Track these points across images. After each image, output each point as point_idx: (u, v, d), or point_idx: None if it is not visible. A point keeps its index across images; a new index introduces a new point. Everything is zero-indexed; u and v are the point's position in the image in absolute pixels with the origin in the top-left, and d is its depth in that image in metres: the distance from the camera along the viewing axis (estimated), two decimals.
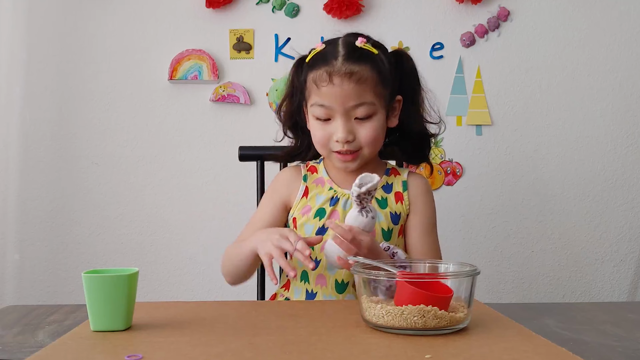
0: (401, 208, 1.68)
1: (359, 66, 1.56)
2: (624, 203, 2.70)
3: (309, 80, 1.60)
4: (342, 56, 1.57)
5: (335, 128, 1.58)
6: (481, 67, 2.66)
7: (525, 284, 2.69)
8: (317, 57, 1.61)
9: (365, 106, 1.57)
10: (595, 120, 2.69)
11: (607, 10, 2.67)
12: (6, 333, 1.17)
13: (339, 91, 1.54)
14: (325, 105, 1.57)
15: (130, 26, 2.62)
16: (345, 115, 1.57)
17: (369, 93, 1.57)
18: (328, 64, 1.56)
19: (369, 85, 1.57)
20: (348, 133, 1.57)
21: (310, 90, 1.60)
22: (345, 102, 1.55)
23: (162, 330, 1.12)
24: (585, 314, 1.32)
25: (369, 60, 1.58)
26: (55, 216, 2.61)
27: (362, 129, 1.59)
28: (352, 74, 1.54)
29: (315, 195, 1.67)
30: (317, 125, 1.61)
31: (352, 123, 1.58)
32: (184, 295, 2.61)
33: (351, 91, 1.55)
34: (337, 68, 1.55)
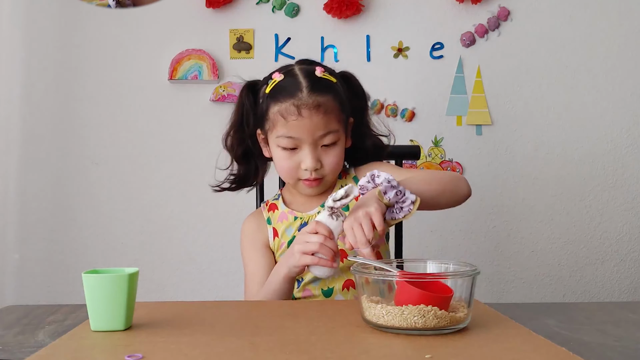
0: None
1: (324, 97, 1.58)
2: (624, 203, 2.70)
3: (274, 112, 1.59)
4: (306, 88, 1.58)
5: (303, 157, 1.59)
6: (481, 67, 2.66)
7: (525, 283, 2.69)
8: (278, 88, 1.62)
9: (332, 134, 1.60)
10: (595, 120, 2.69)
11: (607, 10, 2.67)
12: (6, 333, 1.17)
13: (308, 123, 1.56)
14: (293, 137, 1.58)
15: (130, 26, 2.63)
16: (313, 144, 1.59)
17: (334, 122, 1.60)
18: (294, 97, 1.57)
19: (334, 114, 1.60)
20: (316, 161, 1.59)
21: (276, 122, 1.59)
22: (314, 133, 1.58)
23: (162, 330, 1.12)
24: (585, 314, 1.32)
25: (331, 89, 1.61)
26: (55, 216, 2.62)
27: (327, 156, 1.61)
28: (320, 105, 1.57)
29: (284, 231, 1.68)
30: (283, 154, 1.61)
31: (319, 151, 1.60)
32: (184, 295, 2.61)
33: (320, 122, 1.57)
34: (304, 100, 1.56)
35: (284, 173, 1.65)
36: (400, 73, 2.64)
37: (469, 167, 2.66)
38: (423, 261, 1.32)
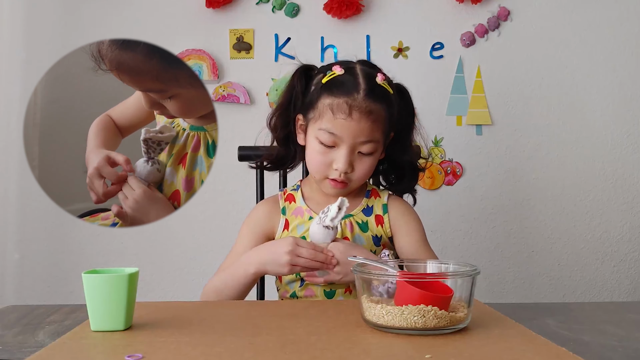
0: (382, 231, 1.68)
1: (377, 105, 1.56)
2: (623, 203, 2.70)
3: (324, 104, 1.57)
4: (363, 90, 1.56)
5: (338, 157, 1.57)
6: (481, 67, 2.66)
7: (525, 283, 2.69)
8: (336, 82, 1.59)
9: (372, 144, 1.58)
10: (595, 120, 2.69)
11: (607, 10, 2.67)
12: (6, 333, 1.17)
13: (354, 126, 1.54)
14: (336, 134, 1.56)
15: (130, 26, 2.62)
16: (351, 147, 1.57)
17: (379, 132, 1.59)
18: (349, 96, 1.55)
19: (381, 125, 1.58)
20: (349, 165, 1.58)
21: (323, 114, 1.57)
22: (356, 137, 1.56)
23: (162, 330, 1.12)
24: (585, 314, 1.32)
25: (386, 100, 1.59)
26: (55, 216, 2.61)
27: (360, 163, 1.60)
28: (371, 112, 1.55)
29: (295, 226, 1.67)
30: (319, 149, 1.59)
31: (354, 156, 1.59)
32: (184, 295, 2.61)
33: (366, 128, 1.55)
34: (358, 102, 1.54)
35: (314, 167, 1.63)
36: (400, 73, 2.63)
37: (468, 167, 2.66)
38: (423, 261, 1.33)
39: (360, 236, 1.65)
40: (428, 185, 2.64)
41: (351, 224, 1.66)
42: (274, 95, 2.59)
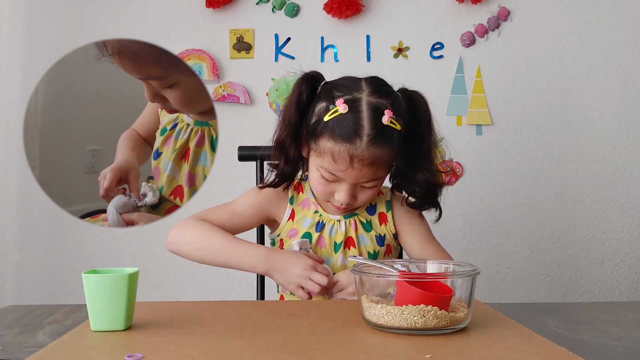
0: (386, 230, 1.68)
1: (381, 150, 1.48)
2: (624, 203, 2.70)
3: (326, 146, 1.49)
4: (367, 136, 1.45)
5: (339, 190, 1.54)
6: (481, 67, 2.66)
7: (525, 283, 2.69)
8: (338, 123, 1.48)
9: (375, 181, 1.55)
10: (595, 120, 2.69)
11: (607, 10, 2.67)
12: (6, 333, 1.17)
13: (357, 173, 1.49)
14: (337, 175, 1.51)
15: (130, 26, 2.62)
16: (353, 185, 1.54)
17: (383, 171, 1.55)
18: (351, 142, 1.46)
19: (384, 165, 1.53)
20: (351, 198, 1.55)
21: (325, 155, 1.50)
22: (358, 179, 1.52)
23: (162, 330, 1.12)
24: (585, 314, 1.32)
25: (392, 140, 1.50)
26: (55, 216, 2.61)
27: (363, 193, 1.56)
28: (374, 161, 1.48)
29: (301, 218, 1.66)
30: (321, 181, 1.55)
31: (356, 190, 1.55)
32: (184, 295, 2.61)
33: (368, 173, 1.51)
34: (360, 152, 1.46)
35: (316, 193, 1.63)
36: (400, 73, 2.64)
37: (469, 167, 2.66)
38: (423, 261, 1.33)
39: (363, 236, 1.65)
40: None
41: (355, 223, 1.65)
42: (274, 95, 2.59)
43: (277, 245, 1.70)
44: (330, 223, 1.64)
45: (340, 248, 1.63)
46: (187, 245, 1.67)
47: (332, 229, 1.64)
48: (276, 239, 1.70)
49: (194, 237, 1.65)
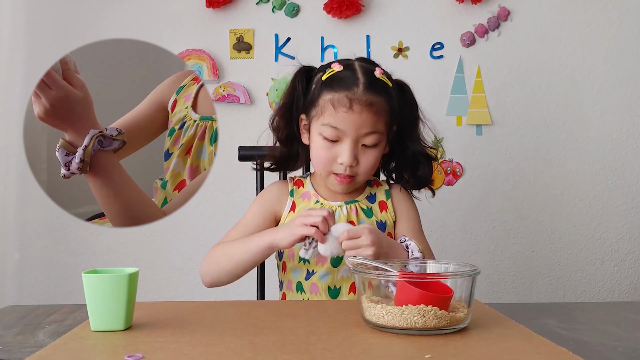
0: (386, 216, 1.70)
1: (378, 97, 1.58)
2: (624, 203, 2.70)
3: (325, 100, 1.59)
4: (363, 84, 1.58)
5: (342, 151, 1.58)
6: (481, 67, 2.66)
7: (525, 283, 2.69)
8: (335, 78, 1.61)
9: (375, 135, 1.59)
10: (595, 120, 2.69)
11: (607, 10, 2.67)
12: (6, 333, 1.17)
13: (357, 118, 1.56)
14: (338, 128, 1.57)
15: (130, 26, 2.63)
16: (354, 140, 1.58)
17: (381, 123, 1.60)
18: (349, 90, 1.57)
19: (382, 117, 1.60)
20: (354, 158, 1.59)
21: (325, 110, 1.59)
22: (359, 129, 1.57)
23: (162, 330, 1.12)
24: (585, 314, 1.32)
25: (385, 92, 1.61)
26: (55, 216, 2.61)
27: (365, 156, 1.60)
28: (372, 104, 1.57)
29: (302, 209, 1.69)
30: (323, 144, 1.61)
31: (358, 149, 1.60)
32: (184, 295, 2.61)
33: (368, 120, 1.57)
34: (358, 95, 1.56)
35: (319, 163, 1.64)
36: (400, 73, 2.63)
37: (469, 167, 2.66)
38: (423, 261, 1.33)
39: (365, 222, 1.66)
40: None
41: (356, 209, 1.67)
42: (274, 95, 2.59)
43: None
44: (331, 209, 1.65)
45: None
46: (215, 271, 1.70)
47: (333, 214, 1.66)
48: None
49: (216, 260, 1.68)
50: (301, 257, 1.50)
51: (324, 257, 1.56)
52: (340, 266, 1.62)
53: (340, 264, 1.63)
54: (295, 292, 1.68)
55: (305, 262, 1.63)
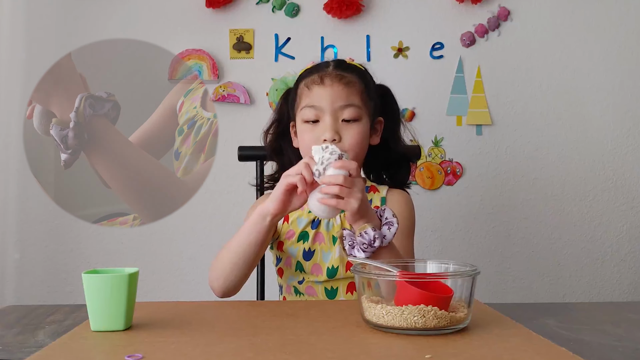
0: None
1: (348, 73, 1.67)
2: (624, 203, 2.70)
3: (301, 86, 1.68)
4: (332, 65, 1.69)
5: (323, 127, 1.61)
6: (481, 67, 2.66)
7: (525, 283, 2.69)
8: (308, 69, 1.72)
9: (353, 108, 1.63)
10: (595, 120, 2.69)
11: (608, 10, 2.67)
12: (6, 333, 1.17)
13: (329, 91, 1.63)
14: (315, 105, 1.62)
15: (130, 26, 2.62)
16: (333, 115, 1.62)
17: (356, 97, 1.65)
18: (320, 70, 1.67)
19: (356, 90, 1.66)
20: (335, 132, 1.61)
21: (302, 95, 1.67)
22: (334, 102, 1.62)
23: (162, 330, 1.12)
24: (585, 314, 1.32)
25: (357, 71, 1.71)
26: (55, 216, 2.61)
27: (348, 131, 1.62)
28: (342, 77, 1.65)
29: (295, 219, 1.69)
30: (306, 128, 1.64)
31: (339, 125, 1.62)
32: (184, 295, 2.61)
33: (341, 92, 1.63)
34: (328, 72, 1.66)
35: (305, 146, 1.64)
36: (400, 73, 2.64)
37: (468, 167, 2.66)
38: (423, 261, 1.33)
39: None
40: (428, 185, 2.64)
41: None
42: (273, 95, 2.58)
43: (275, 249, 1.73)
44: (325, 219, 1.67)
45: (337, 241, 1.63)
46: (219, 270, 1.58)
47: (328, 223, 1.68)
48: (274, 241, 1.72)
49: (218, 259, 1.59)
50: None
51: (319, 268, 1.59)
52: (336, 276, 1.63)
53: (336, 274, 1.63)
54: (294, 295, 1.70)
55: (301, 271, 1.65)
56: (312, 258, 1.66)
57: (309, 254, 1.66)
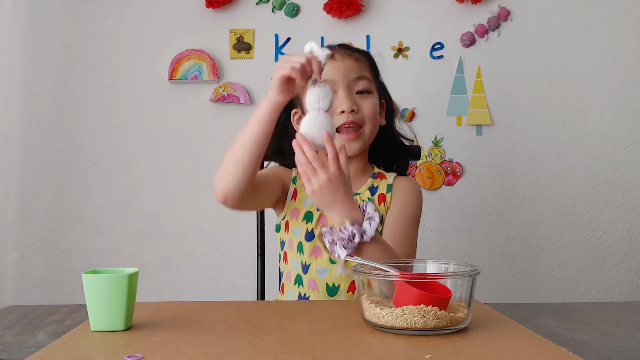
0: (383, 209, 1.68)
1: (355, 52, 1.70)
2: (624, 203, 2.70)
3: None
4: (338, 46, 1.71)
5: (340, 101, 1.62)
6: (481, 67, 2.66)
7: (525, 284, 2.69)
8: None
9: (365, 80, 1.66)
10: (595, 120, 2.69)
11: (607, 10, 2.67)
12: (6, 333, 1.17)
13: (341, 65, 1.64)
14: (327, 80, 1.58)
15: (130, 26, 2.63)
16: (348, 88, 1.63)
17: (367, 71, 1.69)
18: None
19: (365, 65, 1.70)
20: (352, 103, 1.62)
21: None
22: (347, 75, 1.64)
23: (162, 330, 1.12)
24: (585, 314, 1.32)
25: (362, 52, 1.74)
26: (55, 216, 2.61)
27: (363, 102, 1.65)
28: (351, 54, 1.68)
29: (302, 198, 1.67)
30: None
31: (355, 97, 1.64)
32: (184, 295, 2.61)
33: (353, 66, 1.66)
34: (336, 50, 1.67)
35: None
36: (400, 73, 2.64)
37: (469, 167, 2.66)
38: (423, 261, 1.32)
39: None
40: (428, 185, 2.64)
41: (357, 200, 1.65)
42: None
43: (282, 230, 1.69)
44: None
45: (315, 238, 1.62)
46: (224, 171, 1.51)
47: None
48: (281, 222, 1.70)
49: (225, 159, 1.53)
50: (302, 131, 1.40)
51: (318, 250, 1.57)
52: (337, 264, 1.61)
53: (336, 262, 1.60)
54: (292, 284, 1.66)
55: (301, 253, 1.62)
56: (313, 239, 1.63)
57: (311, 235, 1.63)
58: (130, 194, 2.63)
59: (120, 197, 2.63)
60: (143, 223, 2.64)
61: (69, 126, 2.62)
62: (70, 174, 2.62)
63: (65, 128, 2.62)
